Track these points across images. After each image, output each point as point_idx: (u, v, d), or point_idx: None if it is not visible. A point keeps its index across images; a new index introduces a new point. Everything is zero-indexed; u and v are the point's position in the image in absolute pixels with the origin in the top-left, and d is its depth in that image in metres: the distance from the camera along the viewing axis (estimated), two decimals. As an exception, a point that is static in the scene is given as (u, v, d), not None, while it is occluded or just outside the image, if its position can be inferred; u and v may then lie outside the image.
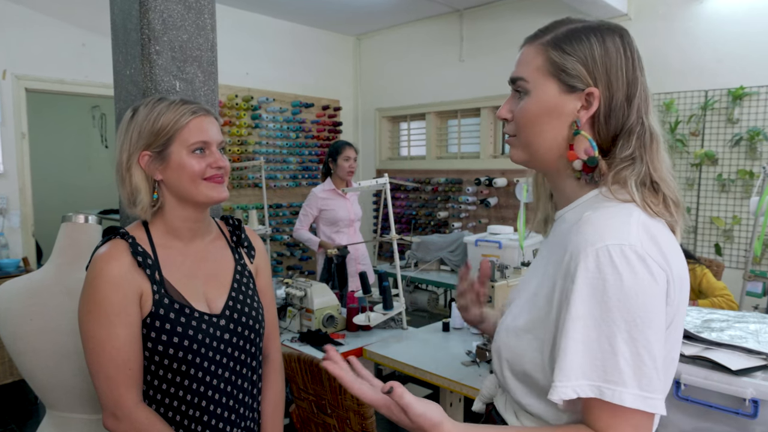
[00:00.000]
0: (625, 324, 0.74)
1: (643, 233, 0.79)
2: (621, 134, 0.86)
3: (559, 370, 0.77)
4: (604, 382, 0.75)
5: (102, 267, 1.15)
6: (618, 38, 0.87)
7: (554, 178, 0.94)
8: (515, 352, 0.89)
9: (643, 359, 0.74)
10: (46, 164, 6.41)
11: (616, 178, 0.85)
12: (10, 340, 1.45)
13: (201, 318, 1.21)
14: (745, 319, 1.68)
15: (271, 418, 1.37)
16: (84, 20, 4.44)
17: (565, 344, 0.77)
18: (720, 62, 3.96)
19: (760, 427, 1.34)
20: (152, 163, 1.20)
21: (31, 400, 3.84)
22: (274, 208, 5.65)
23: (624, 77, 0.86)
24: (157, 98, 1.23)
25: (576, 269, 0.78)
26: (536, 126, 0.89)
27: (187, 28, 1.91)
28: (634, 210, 0.82)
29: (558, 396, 0.77)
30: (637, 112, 0.86)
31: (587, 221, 0.81)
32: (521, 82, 0.90)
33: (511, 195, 5.18)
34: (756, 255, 3.20)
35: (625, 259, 0.75)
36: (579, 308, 0.77)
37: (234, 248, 1.36)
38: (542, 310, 0.85)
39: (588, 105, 0.86)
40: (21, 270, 3.94)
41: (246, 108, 5.43)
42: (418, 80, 5.93)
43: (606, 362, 0.75)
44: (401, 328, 2.80)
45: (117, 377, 1.14)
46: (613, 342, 0.75)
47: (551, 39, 0.88)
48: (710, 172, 4.08)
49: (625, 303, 0.75)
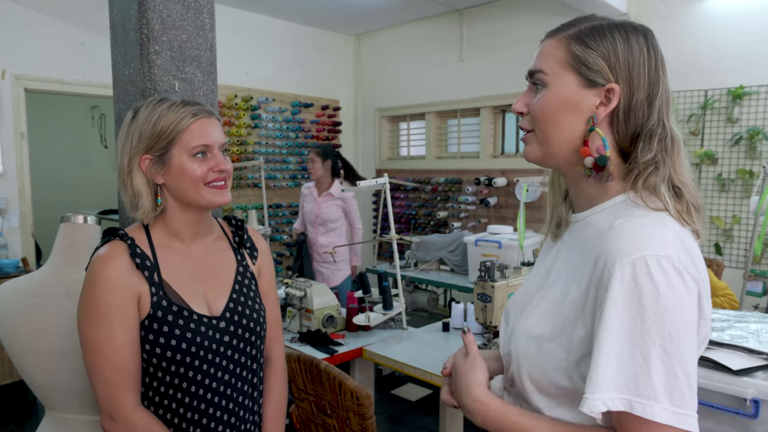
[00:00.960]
0: (659, 338, 0.73)
1: (679, 245, 0.77)
2: (641, 135, 0.85)
3: (590, 381, 0.76)
4: (636, 395, 0.73)
5: (100, 269, 1.14)
6: (642, 37, 0.86)
7: (574, 177, 0.91)
8: (538, 360, 0.86)
9: (676, 374, 0.73)
10: (45, 164, 6.40)
11: (646, 184, 0.84)
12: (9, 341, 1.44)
13: (200, 320, 1.20)
14: (746, 319, 1.68)
15: (272, 422, 1.35)
16: (83, 19, 4.44)
17: (598, 356, 0.75)
18: (720, 62, 3.96)
19: (761, 427, 1.33)
20: (153, 167, 1.19)
21: (30, 400, 3.84)
22: (273, 208, 5.65)
23: (646, 76, 0.84)
24: (158, 99, 1.21)
25: (610, 279, 0.76)
26: (553, 119, 0.87)
27: (186, 27, 1.91)
28: (668, 220, 0.81)
29: (588, 408, 0.75)
30: (658, 114, 0.85)
31: (622, 229, 0.79)
32: (540, 75, 0.88)
33: (510, 195, 5.18)
34: (756, 254, 3.20)
35: (662, 271, 0.74)
36: (613, 320, 0.75)
37: (236, 249, 1.34)
38: (568, 318, 0.84)
39: (607, 101, 0.84)
40: (20, 270, 3.93)
41: (245, 108, 5.42)
42: (418, 80, 5.93)
43: (639, 376, 0.73)
44: (401, 328, 2.80)
45: (114, 380, 1.12)
46: (647, 356, 0.73)
47: (574, 33, 0.86)
48: (710, 172, 4.08)
49: (661, 316, 0.73)
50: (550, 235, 1.02)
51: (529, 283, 1.01)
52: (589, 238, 0.87)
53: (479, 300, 2.28)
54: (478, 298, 2.28)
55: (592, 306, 0.80)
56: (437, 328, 2.83)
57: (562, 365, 0.83)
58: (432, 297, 4.43)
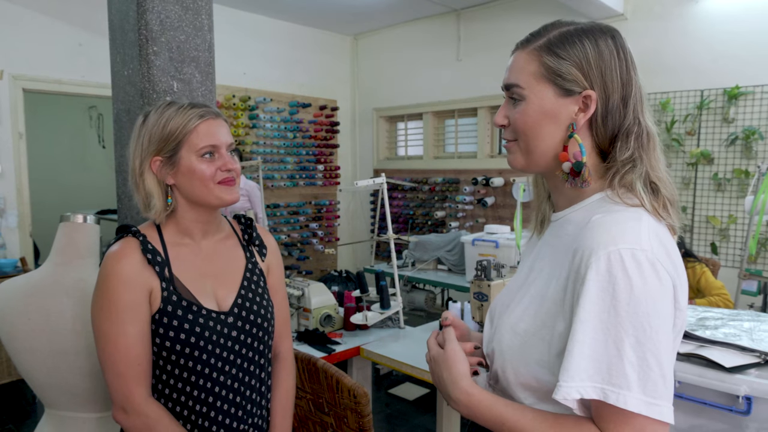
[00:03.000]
0: (633, 329, 0.75)
1: (654, 238, 0.79)
2: (619, 135, 0.87)
3: (564, 370, 0.78)
4: (609, 384, 0.75)
5: (114, 265, 1.17)
6: (610, 40, 0.88)
7: (554, 180, 0.94)
8: (521, 354, 0.88)
9: (649, 365, 0.75)
10: (43, 164, 6.40)
11: (622, 181, 0.86)
12: (8, 339, 1.45)
13: (209, 315, 1.23)
14: (740, 317, 1.70)
15: (280, 416, 1.38)
16: (80, 20, 4.44)
17: (572, 346, 0.78)
18: (716, 62, 3.98)
19: (753, 423, 1.35)
20: (163, 168, 1.22)
21: (29, 399, 3.84)
22: (271, 208, 5.66)
23: (618, 78, 0.87)
24: (167, 103, 1.25)
25: (586, 272, 0.78)
26: (534, 130, 0.89)
27: (185, 28, 1.92)
28: (644, 215, 0.83)
29: (561, 395, 0.77)
30: (633, 112, 0.87)
31: (598, 224, 0.82)
32: (516, 89, 0.90)
33: (508, 194, 5.19)
34: (751, 254, 3.22)
35: (636, 263, 0.76)
36: (588, 311, 0.77)
37: (245, 246, 1.37)
38: (549, 312, 0.86)
39: (585, 108, 0.86)
40: (19, 270, 3.93)
41: (243, 108, 5.43)
42: (416, 80, 5.94)
43: (612, 366, 0.76)
44: (398, 327, 2.81)
45: (128, 373, 1.16)
46: (621, 346, 0.75)
47: (544, 44, 0.88)
48: (706, 172, 4.10)
49: (635, 308, 0.75)
50: (535, 232, 1.05)
51: (512, 282, 1.03)
52: (568, 234, 0.89)
53: (476, 299, 2.29)
54: (475, 297, 2.30)
55: (571, 299, 0.82)
56: (434, 327, 2.83)
57: (545, 359, 0.85)
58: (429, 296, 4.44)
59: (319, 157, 6.10)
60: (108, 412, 1.51)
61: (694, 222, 4.18)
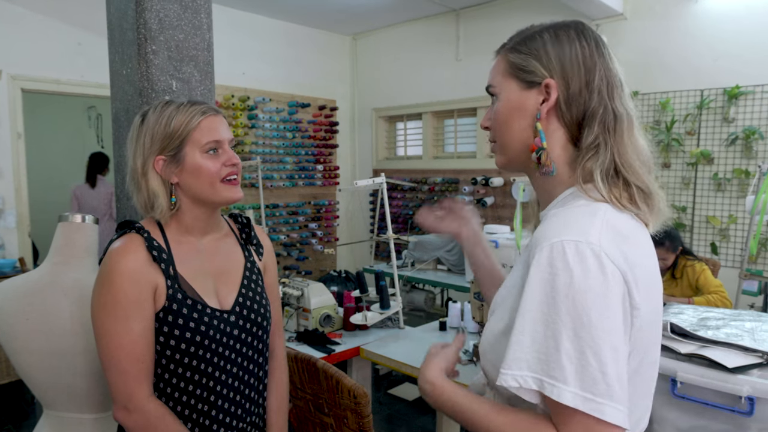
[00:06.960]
0: (571, 321, 0.74)
1: (606, 232, 0.78)
2: (585, 120, 0.87)
3: (505, 359, 0.78)
4: (547, 376, 0.74)
5: (118, 260, 1.16)
6: (573, 31, 0.89)
7: (534, 177, 0.95)
8: (496, 354, 0.88)
9: (587, 359, 0.73)
10: (42, 164, 6.38)
11: (584, 171, 0.85)
12: (6, 340, 1.45)
13: (212, 314, 1.23)
14: (741, 317, 1.69)
15: (276, 413, 1.39)
16: (79, 20, 4.43)
17: (514, 336, 0.78)
18: (716, 61, 3.98)
19: (756, 424, 1.34)
20: (167, 167, 1.21)
21: (28, 400, 3.83)
22: (270, 208, 5.65)
23: (580, 64, 0.87)
24: (164, 102, 1.24)
25: (530, 263, 0.78)
26: (506, 125, 0.92)
27: (184, 27, 1.91)
28: (602, 207, 0.82)
29: (500, 383, 0.78)
30: (598, 96, 0.86)
31: (552, 218, 0.83)
32: (491, 89, 0.95)
33: (507, 194, 5.19)
34: (752, 254, 3.21)
35: (578, 255, 0.75)
36: (529, 301, 0.77)
37: (243, 245, 1.37)
38: (513, 309, 0.84)
39: (548, 96, 0.87)
40: (17, 270, 3.93)
41: (242, 108, 5.42)
42: (415, 80, 5.93)
43: (549, 357, 0.75)
44: (398, 328, 2.80)
45: (131, 371, 1.15)
46: (558, 338, 0.74)
47: (511, 45, 0.93)
48: (706, 171, 4.09)
49: (573, 300, 0.74)
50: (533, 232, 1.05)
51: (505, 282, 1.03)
52: None
53: (476, 299, 2.29)
54: (475, 297, 2.29)
55: None
56: (434, 328, 2.83)
57: None
58: (429, 296, 4.44)
59: (319, 157, 6.10)
60: (106, 413, 1.50)
61: (694, 222, 4.18)
